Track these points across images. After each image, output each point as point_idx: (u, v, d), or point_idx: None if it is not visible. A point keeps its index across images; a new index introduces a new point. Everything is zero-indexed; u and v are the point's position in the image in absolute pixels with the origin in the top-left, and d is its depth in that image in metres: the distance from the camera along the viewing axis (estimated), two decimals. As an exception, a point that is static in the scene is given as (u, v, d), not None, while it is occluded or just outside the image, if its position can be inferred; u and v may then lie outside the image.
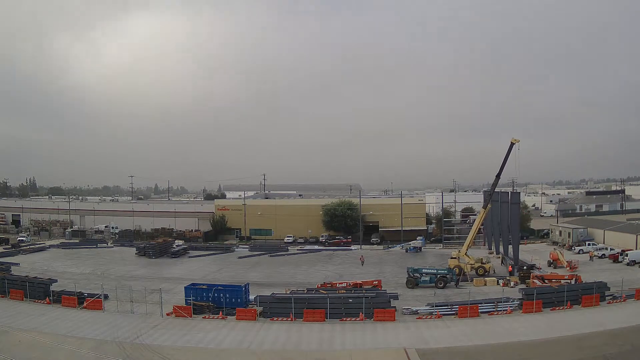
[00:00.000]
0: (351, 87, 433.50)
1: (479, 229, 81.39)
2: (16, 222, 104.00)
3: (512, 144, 51.75)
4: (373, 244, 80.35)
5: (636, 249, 57.66)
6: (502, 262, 57.55)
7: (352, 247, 77.11)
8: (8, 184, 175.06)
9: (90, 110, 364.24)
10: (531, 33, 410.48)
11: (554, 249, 60.62)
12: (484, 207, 56.60)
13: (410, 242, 74.14)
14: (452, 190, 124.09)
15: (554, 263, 54.72)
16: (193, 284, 40.56)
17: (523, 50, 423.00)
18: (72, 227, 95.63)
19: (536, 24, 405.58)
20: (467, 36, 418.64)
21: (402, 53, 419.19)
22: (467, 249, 54.35)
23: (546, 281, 43.35)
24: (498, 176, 54.42)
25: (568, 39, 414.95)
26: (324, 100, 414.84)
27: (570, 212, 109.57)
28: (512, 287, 44.44)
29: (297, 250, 75.79)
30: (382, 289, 42.08)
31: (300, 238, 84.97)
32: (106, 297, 39.44)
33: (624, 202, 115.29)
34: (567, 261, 53.54)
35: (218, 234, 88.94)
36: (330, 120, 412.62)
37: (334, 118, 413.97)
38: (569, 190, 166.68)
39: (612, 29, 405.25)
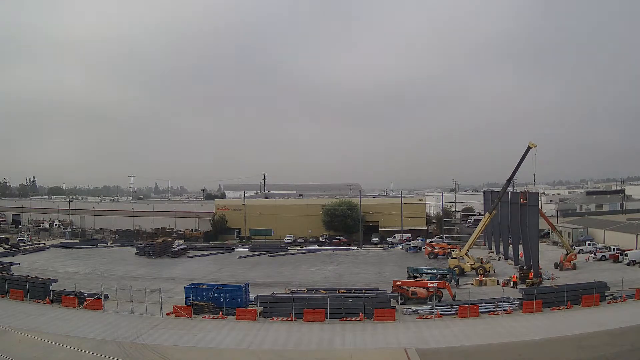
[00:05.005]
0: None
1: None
2: (16, 222, 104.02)
3: (529, 148, 50.85)
4: (373, 243, 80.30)
5: (636, 249, 57.52)
6: (519, 268, 51.61)
7: (353, 248, 77.09)
8: (8, 184, 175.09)
9: (89, 110, 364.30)
10: (513, 35, 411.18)
11: (567, 252, 59.42)
12: (490, 211, 55.38)
13: (410, 242, 74.17)
14: (452, 190, 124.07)
15: (560, 265, 53.51)
16: (193, 284, 40.57)
17: (520, 53, 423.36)
18: (72, 227, 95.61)
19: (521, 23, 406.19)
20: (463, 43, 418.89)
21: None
22: (468, 249, 54.29)
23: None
24: (510, 180, 53.72)
25: (559, 40, 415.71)
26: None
27: (570, 212, 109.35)
28: (512, 287, 44.42)
29: (297, 250, 75.78)
30: (382, 288, 42.06)
31: (300, 238, 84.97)
32: (106, 297, 39.44)
33: (624, 202, 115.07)
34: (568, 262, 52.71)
35: (218, 234, 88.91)
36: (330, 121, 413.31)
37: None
38: (569, 190, 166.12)
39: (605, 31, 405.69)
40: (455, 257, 53.74)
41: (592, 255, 59.56)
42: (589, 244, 64.17)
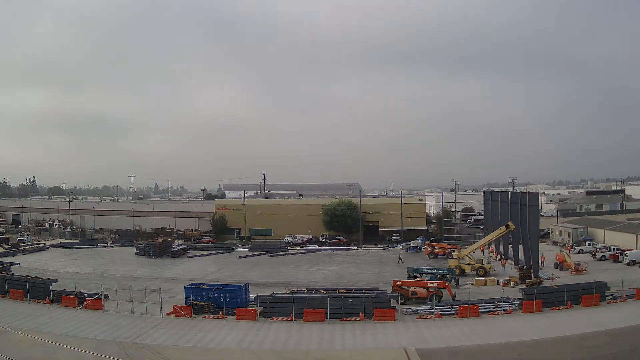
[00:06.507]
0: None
1: (479, 228, 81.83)
2: (16, 222, 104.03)
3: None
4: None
5: (636, 249, 57.48)
6: (519, 269, 50.35)
7: (353, 248, 77.07)
8: (8, 184, 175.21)
9: (90, 110, 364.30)
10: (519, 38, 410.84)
11: (560, 250, 59.48)
12: (507, 226, 53.07)
13: (410, 242, 74.12)
14: (452, 190, 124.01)
15: (560, 265, 53.14)
16: (193, 284, 40.57)
17: (525, 52, 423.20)
18: (72, 227, 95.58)
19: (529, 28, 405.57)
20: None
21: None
22: (470, 252, 54.21)
23: None
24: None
25: (562, 41, 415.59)
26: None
27: (570, 212, 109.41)
28: (512, 287, 44.41)
29: (297, 250, 75.77)
30: (382, 288, 42.04)
31: (299, 235, 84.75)
32: (106, 297, 39.44)
33: (624, 202, 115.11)
34: (574, 263, 51.52)
35: (218, 234, 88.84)
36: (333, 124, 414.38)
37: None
38: (569, 190, 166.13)
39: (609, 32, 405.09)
40: (455, 258, 53.68)
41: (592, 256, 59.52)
42: (589, 244, 64.11)
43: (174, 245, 73.89)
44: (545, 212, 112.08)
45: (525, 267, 49.32)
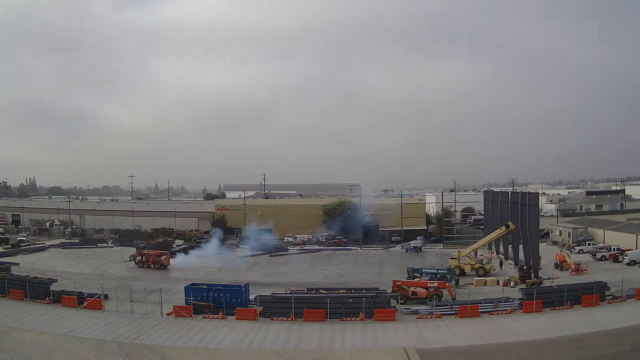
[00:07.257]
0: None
1: (479, 228, 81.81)
2: (16, 222, 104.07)
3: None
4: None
5: (636, 249, 57.50)
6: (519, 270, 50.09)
7: (353, 248, 77.05)
8: (8, 184, 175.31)
9: (90, 110, 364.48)
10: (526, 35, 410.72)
11: (560, 250, 59.64)
12: (507, 226, 53.10)
13: (410, 242, 74.09)
14: (452, 190, 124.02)
15: (560, 265, 53.10)
16: (193, 284, 40.60)
17: (528, 52, 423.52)
18: (72, 227, 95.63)
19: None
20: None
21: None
22: (469, 252, 54.23)
23: None
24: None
25: (561, 42, 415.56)
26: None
27: (570, 212, 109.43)
28: (512, 287, 44.44)
29: (297, 250, 75.76)
30: (382, 288, 42.04)
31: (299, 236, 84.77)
32: (106, 297, 39.47)
33: (624, 202, 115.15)
34: (574, 263, 51.48)
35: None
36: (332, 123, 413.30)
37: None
38: (569, 190, 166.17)
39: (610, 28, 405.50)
40: (455, 258, 53.72)
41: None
42: (589, 244, 64.13)
43: (174, 245, 73.80)
44: (545, 212, 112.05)
45: (525, 267, 49.35)
